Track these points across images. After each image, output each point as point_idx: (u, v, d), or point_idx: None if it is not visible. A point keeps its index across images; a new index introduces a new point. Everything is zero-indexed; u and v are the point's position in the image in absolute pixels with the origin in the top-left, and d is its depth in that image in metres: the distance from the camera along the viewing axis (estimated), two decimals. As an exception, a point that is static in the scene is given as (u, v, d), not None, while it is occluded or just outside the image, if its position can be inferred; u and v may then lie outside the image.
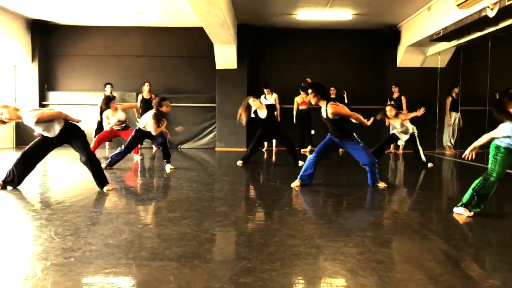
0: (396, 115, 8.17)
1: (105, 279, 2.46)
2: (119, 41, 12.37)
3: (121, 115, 8.55)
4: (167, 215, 4.03)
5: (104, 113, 8.71)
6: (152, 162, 9.00)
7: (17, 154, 5.44)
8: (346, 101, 10.91)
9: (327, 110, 5.55)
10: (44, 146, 5.39)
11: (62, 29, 12.15)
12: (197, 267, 2.68)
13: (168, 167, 7.60)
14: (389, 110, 8.18)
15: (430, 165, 8.18)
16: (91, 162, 5.28)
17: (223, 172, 7.63)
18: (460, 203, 4.21)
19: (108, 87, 11.02)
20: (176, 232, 3.45)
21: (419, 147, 8.26)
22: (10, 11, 10.77)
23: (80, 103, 11.88)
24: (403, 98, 11.13)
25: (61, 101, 12.00)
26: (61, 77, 12.37)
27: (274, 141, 11.81)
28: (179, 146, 12.27)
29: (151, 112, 7.39)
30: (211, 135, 12.38)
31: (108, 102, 8.67)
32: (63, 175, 6.90)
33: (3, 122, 5.03)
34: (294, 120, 11.36)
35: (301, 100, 11.32)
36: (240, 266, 2.68)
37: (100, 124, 10.96)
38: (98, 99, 11.07)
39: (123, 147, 7.51)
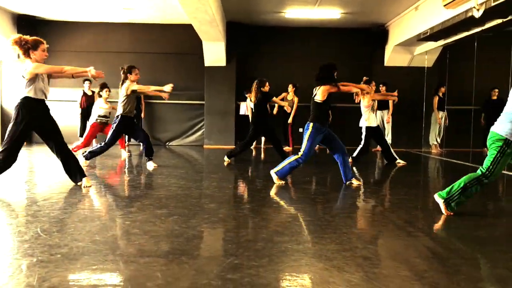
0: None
1: (92, 275, 2.46)
2: (107, 38, 12.29)
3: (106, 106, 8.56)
4: (155, 212, 4.03)
5: (96, 103, 8.66)
6: (139, 159, 8.96)
7: None
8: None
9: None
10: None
11: (49, 24, 12.02)
12: (185, 263, 2.69)
13: (150, 165, 7.22)
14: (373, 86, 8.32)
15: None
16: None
17: (211, 170, 7.63)
18: (444, 194, 4.08)
19: (86, 83, 10.94)
20: (163, 228, 3.45)
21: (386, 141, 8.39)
22: (-4, 5, 10.64)
23: (67, 99, 11.77)
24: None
25: (48, 97, 11.86)
26: (48, 73, 12.25)
27: (262, 138, 11.82)
28: (167, 143, 12.24)
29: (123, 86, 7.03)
30: (199, 133, 12.37)
31: (101, 89, 8.65)
32: (49, 171, 6.85)
33: None
34: (274, 112, 11.44)
35: (290, 98, 11.37)
36: (227, 263, 2.69)
37: (84, 121, 10.92)
38: (78, 96, 11.00)
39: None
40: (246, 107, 11.95)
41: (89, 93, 11.03)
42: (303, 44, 12.27)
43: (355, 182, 5.81)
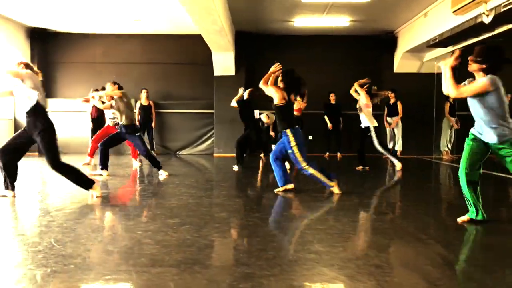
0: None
1: (105, 285, 2.48)
2: (117, 49, 12.43)
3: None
4: (166, 221, 4.05)
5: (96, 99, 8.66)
6: (151, 169, 9.00)
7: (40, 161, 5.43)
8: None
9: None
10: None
11: (60, 36, 12.20)
12: (197, 273, 2.70)
13: (162, 174, 7.31)
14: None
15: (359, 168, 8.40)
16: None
17: (221, 178, 7.65)
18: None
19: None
20: (175, 238, 3.46)
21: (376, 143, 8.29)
22: (10, 19, 10.82)
23: (79, 110, 11.87)
24: (399, 103, 11.19)
25: (59, 108, 12.02)
26: (60, 84, 12.40)
27: (273, 146, 11.83)
28: (177, 152, 12.29)
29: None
30: (209, 141, 12.42)
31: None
32: (61, 181, 6.90)
33: None
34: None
35: (297, 107, 11.37)
36: (239, 272, 2.69)
37: (95, 132, 11.01)
38: (89, 106, 11.10)
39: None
40: (256, 115, 11.97)
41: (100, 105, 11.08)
42: (311, 52, 12.29)
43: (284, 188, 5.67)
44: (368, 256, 3.06)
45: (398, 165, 8.26)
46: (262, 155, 11.70)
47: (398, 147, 11.21)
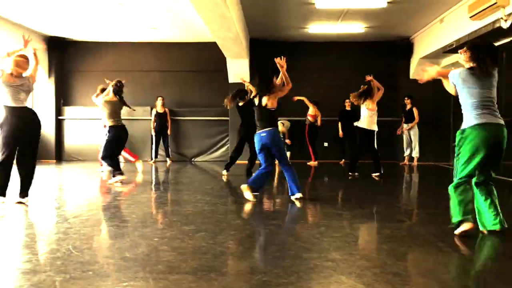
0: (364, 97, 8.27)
1: (123, 292, 2.49)
2: (133, 57, 12.55)
3: None
4: (182, 228, 4.06)
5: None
6: (166, 176, 9.06)
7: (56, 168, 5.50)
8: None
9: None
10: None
11: (78, 45, 12.37)
12: (213, 280, 2.70)
13: (115, 179, 7.26)
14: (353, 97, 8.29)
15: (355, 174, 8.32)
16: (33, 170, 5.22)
17: (236, 185, 7.63)
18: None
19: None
20: (191, 245, 3.47)
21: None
22: (28, 28, 11.01)
23: (96, 118, 11.99)
24: (415, 109, 11.08)
25: (76, 115, 12.20)
26: (77, 92, 12.54)
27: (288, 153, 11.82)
28: (192, 159, 12.34)
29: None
30: (224, 148, 12.45)
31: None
32: (77, 188, 6.99)
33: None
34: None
35: (312, 113, 11.36)
36: (256, 280, 2.68)
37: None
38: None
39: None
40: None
41: None
42: (326, 59, 12.28)
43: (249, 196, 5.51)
44: (386, 264, 3.03)
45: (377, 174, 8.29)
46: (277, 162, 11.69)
47: (415, 153, 11.10)
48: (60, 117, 12.19)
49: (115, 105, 7.49)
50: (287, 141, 11.68)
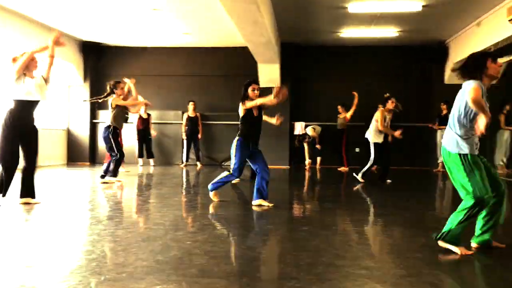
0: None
1: (157, 295, 2.50)
2: (166, 61, 12.73)
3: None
4: (214, 232, 4.07)
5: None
6: (196, 179, 9.12)
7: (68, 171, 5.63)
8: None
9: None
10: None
11: (112, 50, 12.64)
12: (246, 285, 2.68)
13: (108, 179, 7.57)
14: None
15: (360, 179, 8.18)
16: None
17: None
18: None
19: (142, 107, 11.38)
20: (223, 249, 3.47)
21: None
22: (65, 33, 11.32)
23: (128, 122, 12.20)
24: None
25: (110, 119, 12.42)
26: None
27: (318, 158, 11.73)
28: (222, 163, 12.39)
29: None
30: (254, 153, 12.44)
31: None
32: (110, 191, 7.10)
33: None
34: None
35: (349, 117, 11.29)
36: (288, 286, 2.65)
37: (141, 142, 11.40)
38: (135, 118, 11.47)
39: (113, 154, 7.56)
40: (301, 127, 11.96)
41: (145, 116, 11.43)
42: (358, 63, 12.16)
43: (265, 204, 5.45)
44: (421, 273, 2.95)
45: (360, 179, 8.22)
46: (307, 166, 11.62)
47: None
48: (94, 121, 12.45)
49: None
50: (317, 146, 11.60)
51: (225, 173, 5.68)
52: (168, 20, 9.80)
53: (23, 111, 5.17)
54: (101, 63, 12.70)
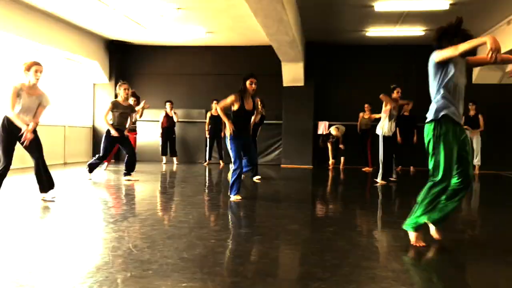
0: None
1: (182, 293, 2.51)
2: (190, 60, 12.81)
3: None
4: (238, 231, 4.07)
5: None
6: (219, 177, 9.14)
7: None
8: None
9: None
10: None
11: (137, 48, 12.78)
12: (271, 285, 2.67)
13: (126, 179, 7.67)
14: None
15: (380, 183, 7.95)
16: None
17: (289, 190, 7.60)
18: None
19: (168, 105, 11.54)
20: (248, 248, 3.46)
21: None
22: (91, 32, 11.50)
23: (154, 120, 12.32)
24: (480, 117, 10.60)
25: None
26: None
27: (342, 158, 11.63)
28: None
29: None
30: (276, 152, 12.43)
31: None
32: (135, 188, 7.17)
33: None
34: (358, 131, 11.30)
35: (367, 117, 11.17)
36: (314, 287, 2.63)
37: (165, 140, 11.51)
38: (160, 116, 11.60)
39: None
40: (325, 127, 11.89)
41: (170, 114, 11.58)
42: (384, 63, 12.01)
43: (233, 198, 5.81)
44: (451, 278, 2.88)
45: (379, 180, 8.00)
46: (330, 167, 11.53)
47: (477, 162, 10.62)
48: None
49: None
50: (341, 146, 11.50)
51: (230, 173, 5.95)
52: (192, 19, 9.85)
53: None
54: (125, 61, 12.86)
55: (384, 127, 7.94)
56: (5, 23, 8.60)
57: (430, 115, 3.53)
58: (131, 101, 8.87)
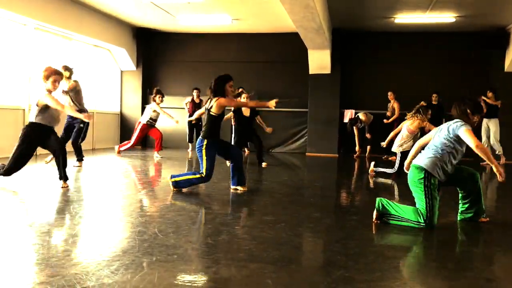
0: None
1: (207, 277, 2.55)
2: (215, 48, 12.82)
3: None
4: (262, 218, 4.09)
5: (150, 106, 9.78)
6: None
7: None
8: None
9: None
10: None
11: (164, 36, 12.85)
12: (294, 272, 2.68)
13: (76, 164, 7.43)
14: None
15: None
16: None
17: (313, 178, 7.59)
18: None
19: (195, 92, 11.55)
20: (271, 235, 3.48)
21: None
22: (119, 19, 11.62)
23: (180, 107, 12.40)
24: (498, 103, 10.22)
25: (162, 104, 12.67)
26: (163, 81, 13.01)
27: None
28: (270, 150, 12.41)
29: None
30: (302, 140, 12.39)
31: (156, 94, 9.69)
32: (160, 174, 7.28)
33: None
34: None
35: (391, 104, 11.05)
36: (337, 275, 2.63)
37: (191, 127, 11.58)
38: (185, 101, 11.66)
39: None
40: (351, 115, 11.78)
41: (197, 101, 11.60)
42: (412, 50, 11.79)
43: (240, 188, 5.59)
44: (477, 268, 2.85)
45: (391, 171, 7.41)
46: (356, 155, 11.43)
47: (498, 149, 10.31)
48: (146, 105, 12.74)
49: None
50: (367, 135, 11.37)
51: (197, 175, 5.32)
52: (218, 6, 9.83)
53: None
54: (152, 48, 12.96)
55: (403, 145, 7.35)
56: (38, 12, 8.79)
57: (424, 163, 3.94)
58: (158, 98, 9.61)
